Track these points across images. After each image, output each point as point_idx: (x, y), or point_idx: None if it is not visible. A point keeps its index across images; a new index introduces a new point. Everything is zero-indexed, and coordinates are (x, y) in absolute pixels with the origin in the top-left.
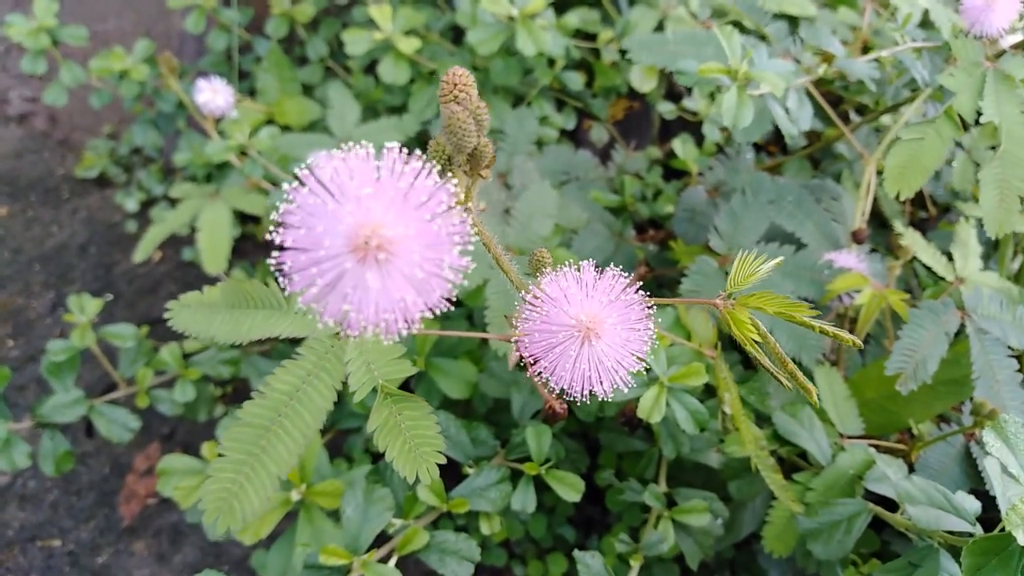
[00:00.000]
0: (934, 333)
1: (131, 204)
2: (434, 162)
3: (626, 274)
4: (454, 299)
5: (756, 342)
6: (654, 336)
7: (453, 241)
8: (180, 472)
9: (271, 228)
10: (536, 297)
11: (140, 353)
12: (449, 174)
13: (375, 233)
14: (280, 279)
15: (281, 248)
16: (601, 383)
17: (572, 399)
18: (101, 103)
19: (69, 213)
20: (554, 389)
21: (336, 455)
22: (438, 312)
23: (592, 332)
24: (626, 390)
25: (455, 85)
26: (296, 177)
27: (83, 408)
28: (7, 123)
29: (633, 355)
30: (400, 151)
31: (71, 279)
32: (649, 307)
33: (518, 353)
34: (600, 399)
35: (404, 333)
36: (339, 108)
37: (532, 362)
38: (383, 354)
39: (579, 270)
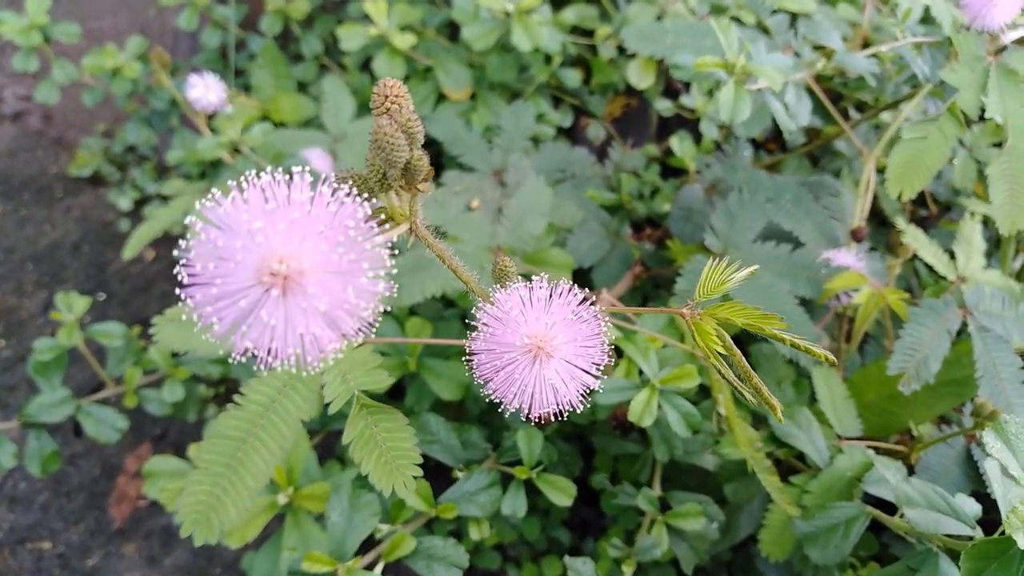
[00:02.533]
0: (936, 332)
1: (124, 203)
2: (368, 180)
3: (579, 290)
4: (376, 324)
5: (721, 354)
6: (607, 353)
7: (360, 268)
8: (167, 474)
9: (179, 264)
10: (484, 314)
11: (129, 352)
12: (387, 190)
13: (271, 268)
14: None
15: (186, 284)
16: (556, 403)
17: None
18: (94, 101)
19: (62, 212)
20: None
21: (329, 456)
22: (360, 338)
23: (542, 352)
24: (580, 409)
25: (386, 97)
26: (192, 227)
27: (70, 408)
28: (1, 121)
29: (587, 373)
30: (304, 174)
31: (64, 278)
32: (605, 322)
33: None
34: (590, 407)
35: (322, 364)
36: (333, 102)
37: (483, 382)
38: (359, 364)
39: (529, 287)
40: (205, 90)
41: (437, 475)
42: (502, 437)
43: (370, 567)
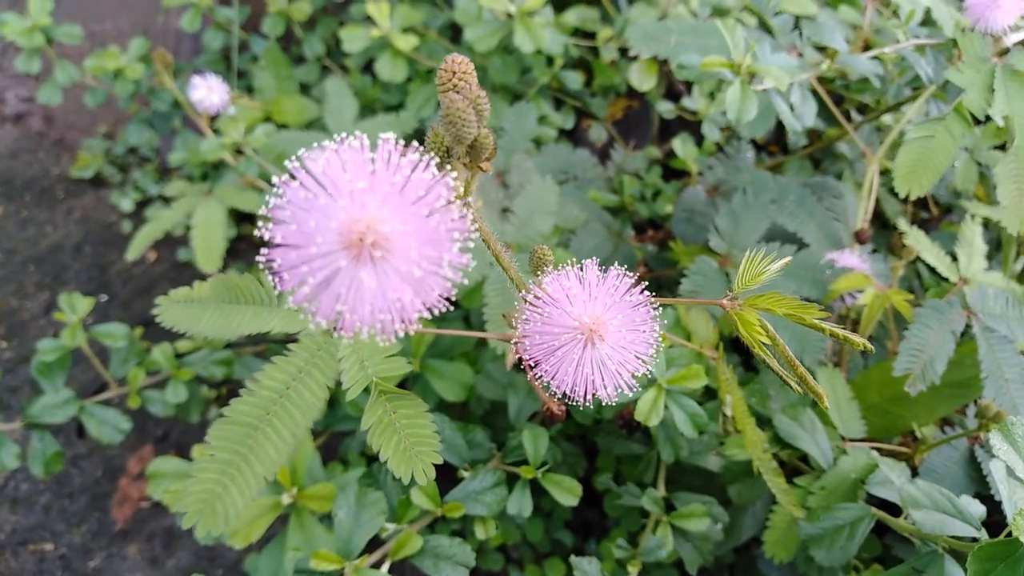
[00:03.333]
0: (940, 332)
1: (126, 204)
2: (432, 154)
3: (630, 274)
4: (453, 298)
5: (764, 344)
6: (659, 338)
7: (452, 237)
8: (171, 475)
9: (260, 224)
10: (537, 297)
11: (132, 353)
12: (448, 166)
13: (370, 229)
14: (270, 277)
15: (270, 244)
16: (605, 386)
17: (574, 402)
18: (96, 102)
19: (64, 213)
20: (555, 393)
21: (331, 458)
22: (436, 312)
23: (595, 334)
24: (630, 393)
25: (454, 73)
26: (287, 170)
27: (73, 409)
28: (3, 123)
29: (637, 357)
30: (396, 143)
31: (65, 280)
32: (654, 308)
33: (516, 354)
34: (603, 403)
35: (401, 334)
36: (336, 104)
37: (532, 365)
38: (377, 351)
39: (582, 269)
40: (208, 91)
41: (443, 475)
42: (507, 437)
43: (377, 565)
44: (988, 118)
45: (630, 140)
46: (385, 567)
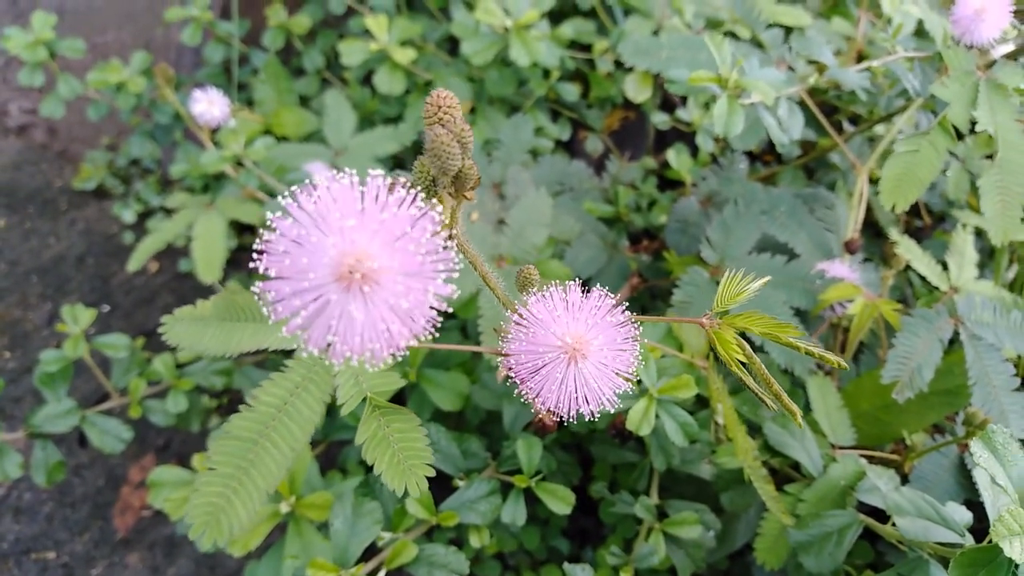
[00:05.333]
0: (928, 340)
1: (128, 215)
2: (419, 185)
3: (612, 294)
4: (445, 318)
5: (741, 362)
6: (640, 356)
7: (437, 269)
8: (171, 484)
9: (254, 256)
10: (522, 317)
11: (133, 363)
12: (434, 198)
13: (360, 264)
14: (264, 309)
15: (265, 277)
16: (587, 403)
17: (560, 417)
18: (98, 115)
19: (67, 225)
20: (542, 407)
21: (330, 467)
22: (423, 339)
23: (578, 353)
24: (612, 409)
25: (439, 107)
26: (279, 207)
27: (75, 418)
28: (6, 135)
29: (619, 375)
30: (384, 178)
31: (68, 291)
32: (636, 327)
33: (505, 370)
34: (587, 418)
35: (390, 361)
36: (335, 116)
37: (519, 381)
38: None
39: (565, 290)
40: (208, 105)
41: (438, 484)
42: (502, 446)
43: (373, 574)
44: (978, 129)
45: (626, 151)
46: (381, 575)
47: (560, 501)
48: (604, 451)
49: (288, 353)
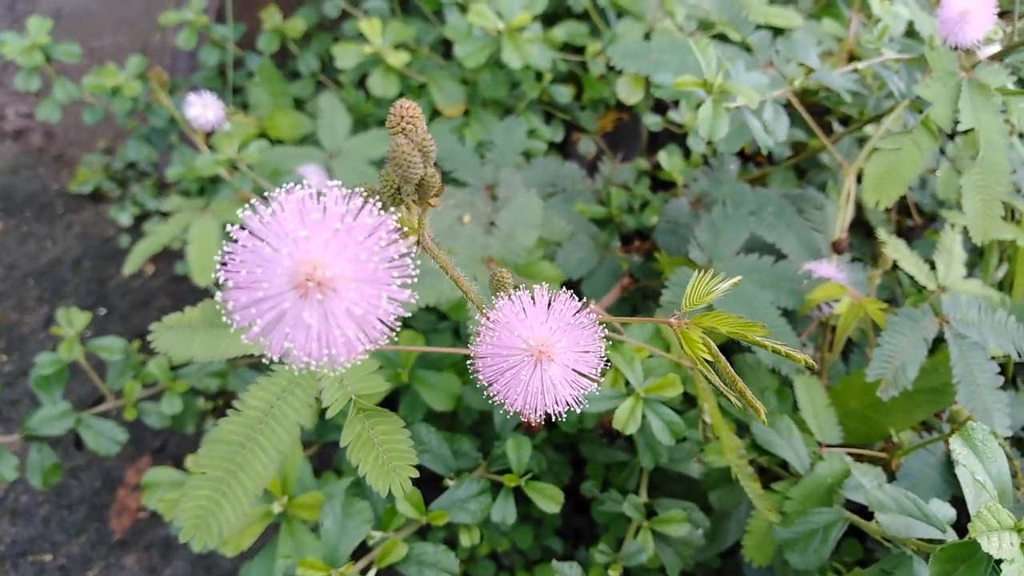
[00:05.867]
0: (912, 339)
1: (125, 219)
2: (382, 194)
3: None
4: (397, 330)
5: (708, 361)
6: (605, 358)
7: (392, 276)
8: (165, 485)
9: (216, 266)
10: (489, 320)
11: (128, 366)
12: (399, 204)
13: (314, 273)
14: (226, 317)
15: (223, 288)
16: (555, 404)
17: (540, 418)
18: (94, 119)
19: (63, 228)
20: (509, 410)
21: (325, 468)
22: (380, 344)
23: (544, 356)
24: (578, 410)
25: (402, 117)
26: (239, 220)
27: (71, 421)
28: (3, 139)
29: (584, 376)
30: (340, 188)
31: (65, 294)
32: (602, 328)
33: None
34: (578, 415)
35: (347, 366)
36: (329, 119)
37: (487, 384)
38: (356, 369)
39: (533, 293)
40: (203, 108)
41: (429, 484)
42: (492, 446)
43: (363, 573)
44: (969, 129)
45: (619, 152)
46: (371, 574)
47: (549, 500)
48: (594, 451)
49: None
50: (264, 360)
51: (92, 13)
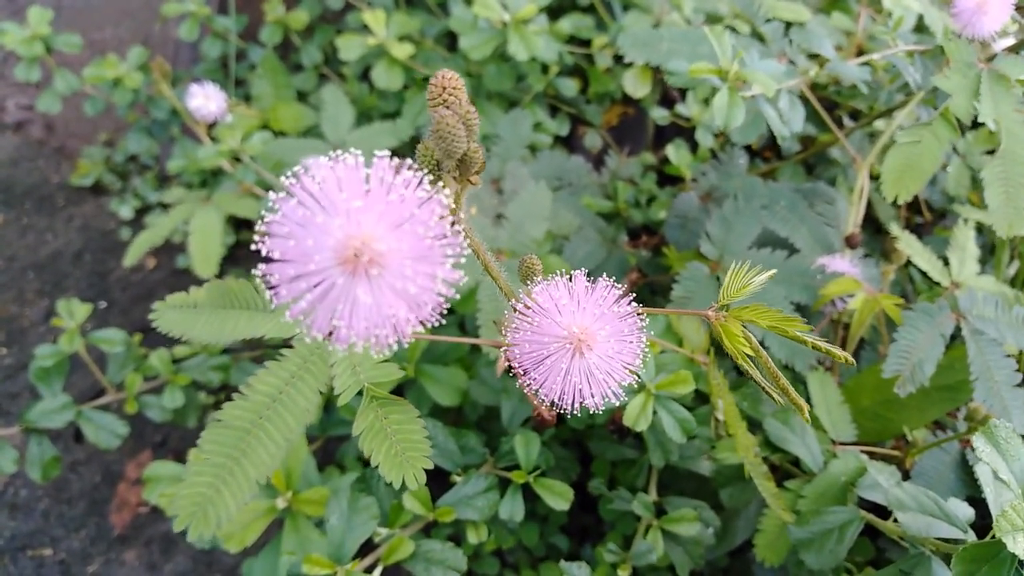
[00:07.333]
0: (929, 335)
1: (126, 211)
2: (423, 168)
3: (619, 285)
4: (446, 311)
5: (748, 356)
6: (646, 348)
7: (445, 254)
8: (167, 479)
9: (256, 238)
10: (526, 307)
11: (129, 358)
12: (440, 181)
13: (366, 247)
14: (267, 292)
15: (267, 260)
16: (592, 395)
17: (563, 410)
18: (95, 111)
19: (64, 221)
20: (544, 400)
21: (328, 463)
22: (429, 326)
23: (583, 344)
24: (617, 402)
25: (444, 88)
26: (283, 187)
27: (71, 414)
28: (3, 131)
29: (625, 367)
30: (391, 159)
31: (65, 287)
32: (642, 318)
33: (506, 361)
34: (591, 411)
35: (395, 348)
36: (332, 111)
37: (522, 372)
38: (369, 357)
39: (571, 279)
40: (205, 100)
41: (436, 480)
42: (500, 442)
43: (369, 570)
44: (980, 123)
45: (625, 146)
46: (377, 571)
47: (558, 497)
48: (602, 447)
49: (284, 343)
50: (269, 352)
51: (93, 5)
